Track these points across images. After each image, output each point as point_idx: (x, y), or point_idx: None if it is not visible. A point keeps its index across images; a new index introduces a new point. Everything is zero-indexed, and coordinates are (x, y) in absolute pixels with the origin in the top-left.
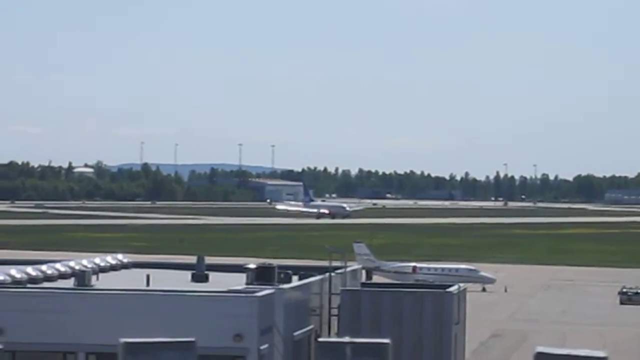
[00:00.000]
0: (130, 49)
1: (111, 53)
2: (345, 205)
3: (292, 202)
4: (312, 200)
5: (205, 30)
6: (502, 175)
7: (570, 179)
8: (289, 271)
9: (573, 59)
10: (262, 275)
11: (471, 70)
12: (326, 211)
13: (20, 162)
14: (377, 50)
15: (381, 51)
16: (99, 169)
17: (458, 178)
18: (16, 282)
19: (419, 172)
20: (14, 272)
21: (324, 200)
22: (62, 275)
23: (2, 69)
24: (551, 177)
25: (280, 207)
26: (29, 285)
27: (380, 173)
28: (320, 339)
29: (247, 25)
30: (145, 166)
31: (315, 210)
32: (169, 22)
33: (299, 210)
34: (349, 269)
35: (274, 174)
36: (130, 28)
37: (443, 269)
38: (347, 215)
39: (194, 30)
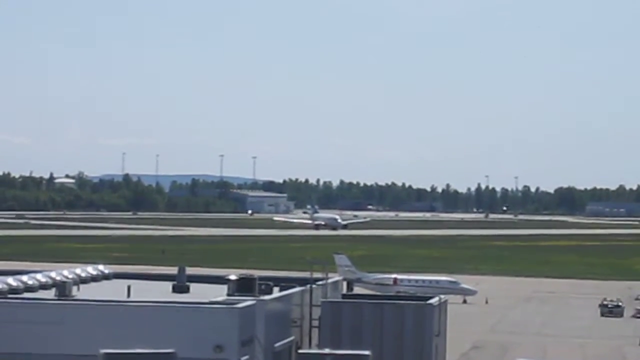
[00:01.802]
0: (112, 60)
1: (94, 64)
2: (337, 217)
3: (294, 214)
4: (317, 212)
5: (185, 41)
6: (483, 187)
7: (552, 191)
8: (270, 282)
9: (554, 71)
10: (243, 287)
11: (452, 83)
12: (322, 222)
13: (1, 173)
14: (358, 62)
15: (363, 63)
16: (81, 179)
17: (439, 190)
18: None
19: (400, 184)
20: None
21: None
22: (43, 286)
23: None
24: (532, 189)
25: (277, 218)
26: (9, 296)
27: (362, 184)
28: (300, 351)
29: (227, 36)
30: (127, 177)
31: (310, 221)
32: (150, 35)
33: (297, 222)
34: (330, 280)
35: (255, 185)
36: (112, 40)
37: (424, 281)
38: (344, 226)
39: (174, 42)
